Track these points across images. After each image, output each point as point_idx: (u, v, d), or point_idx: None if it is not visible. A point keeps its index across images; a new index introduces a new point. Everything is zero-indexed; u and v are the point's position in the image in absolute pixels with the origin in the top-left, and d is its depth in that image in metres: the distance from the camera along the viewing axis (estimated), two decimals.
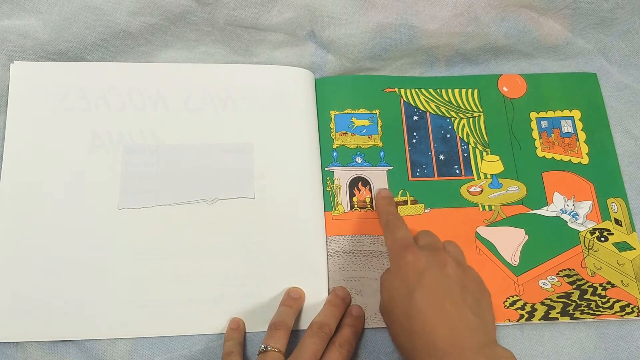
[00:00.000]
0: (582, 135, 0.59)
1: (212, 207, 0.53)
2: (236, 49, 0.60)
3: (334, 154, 0.57)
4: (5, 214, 0.51)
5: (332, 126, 0.58)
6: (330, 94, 0.60)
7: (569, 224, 0.56)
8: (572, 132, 0.60)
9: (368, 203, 0.56)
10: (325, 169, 0.57)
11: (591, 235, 0.55)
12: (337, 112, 0.59)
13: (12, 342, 0.49)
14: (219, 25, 0.58)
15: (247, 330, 0.50)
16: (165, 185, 0.54)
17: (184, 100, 0.57)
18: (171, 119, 0.56)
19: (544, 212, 0.56)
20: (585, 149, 0.59)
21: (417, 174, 0.57)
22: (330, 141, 0.58)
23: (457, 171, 0.58)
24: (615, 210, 0.56)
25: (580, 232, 0.55)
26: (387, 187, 0.56)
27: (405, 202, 0.56)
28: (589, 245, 0.55)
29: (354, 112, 0.59)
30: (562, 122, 0.60)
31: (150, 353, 0.49)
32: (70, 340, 0.49)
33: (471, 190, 0.57)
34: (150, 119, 0.56)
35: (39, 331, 0.49)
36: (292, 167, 0.55)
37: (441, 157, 0.58)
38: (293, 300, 0.50)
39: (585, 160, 0.58)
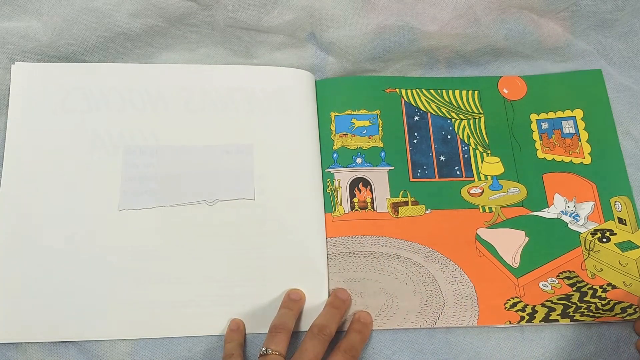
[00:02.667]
0: (584, 135, 0.59)
1: (212, 208, 0.53)
2: (236, 51, 0.60)
3: (334, 155, 0.57)
4: (5, 215, 0.51)
5: (332, 127, 0.58)
6: (331, 95, 0.60)
7: (569, 225, 0.56)
8: (574, 132, 0.59)
9: (369, 204, 0.56)
10: (326, 170, 0.57)
11: (592, 237, 0.55)
12: (337, 114, 0.59)
13: (12, 343, 0.49)
14: (220, 27, 0.58)
15: (247, 332, 0.50)
16: (165, 186, 0.54)
17: (185, 101, 0.57)
18: (171, 120, 0.56)
19: (544, 213, 0.56)
20: (587, 148, 0.59)
21: (418, 174, 0.57)
22: (330, 142, 0.58)
23: (458, 172, 0.58)
24: (619, 209, 0.56)
25: (580, 233, 0.55)
26: (388, 187, 0.56)
27: (406, 203, 0.56)
28: (589, 247, 0.55)
29: (355, 113, 0.59)
30: (563, 122, 0.60)
31: (150, 354, 0.49)
32: (70, 342, 0.49)
33: (472, 191, 0.57)
34: (150, 120, 0.56)
35: (39, 332, 0.49)
36: (293, 169, 0.55)
37: (442, 158, 0.58)
38: (293, 302, 0.50)
39: (587, 160, 0.58)
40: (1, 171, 0.53)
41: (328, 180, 0.56)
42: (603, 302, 0.52)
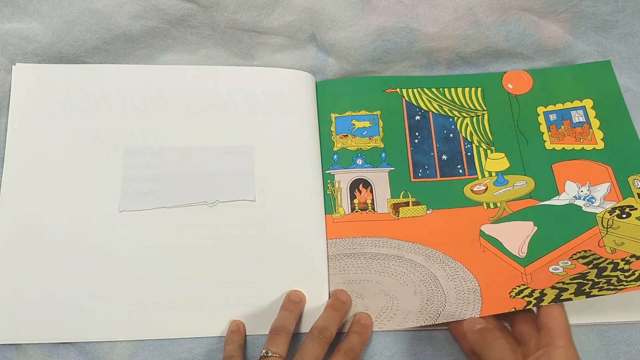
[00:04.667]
0: (595, 123, 0.58)
1: (213, 209, 0.53)
2: (237, 52, 0.60)
3: (335, 156, 0.57)
4: (6, 216, 0.51)
5: (332, 129, 0.58)
6: (331, 96, 0.60)
7: (583, 208, 0.54)
8: (584, 120, 0.58)
9: (369, 205, 0.56)
10: (326, 171, 0.57)
11: (610, 215, 0.53)
12: (337, 115, 0.59)
13: (12, 344, 0.49)
14: (220, 28, 0.58)
15: (247, 333, 0.50)
16: (166, 187, 0.54)
17: (185, 102, 0.57)
18: (172, 121, 0.56)
19: (554, 202, 0.55)
20: (599, 134, 0.57)
21: (420, 174, 0.57)
22: (330, 144, 0.58)
23: (461, 171, 0.57)
24: (639, 186, 0.54)
25: (597, 214, 0.53)
26: (388, 187, 0.56)
27: (407, 204, 0.56)
28: (607, 225, 0.52)
29: (355, 114, 0.59)
30: (573, 112, 0.59)
31: (150, 356, 0.49)
32: (70, 343, 0.49)
33: (475, 189, 0.56)
34: (151, 121, 0.56)
35: (39, 333, 0.49)
36: (293, 170, 0.55)
37: (444, 157, 0.58)
38: (294, 303, 0.50)
39: (600, 145, 0.57)
40: (2, 172, 0.53)
41: (328, 181, 0.56)
42: (627, 274, 0.49)
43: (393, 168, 0.57)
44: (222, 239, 0.52)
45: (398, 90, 0.60)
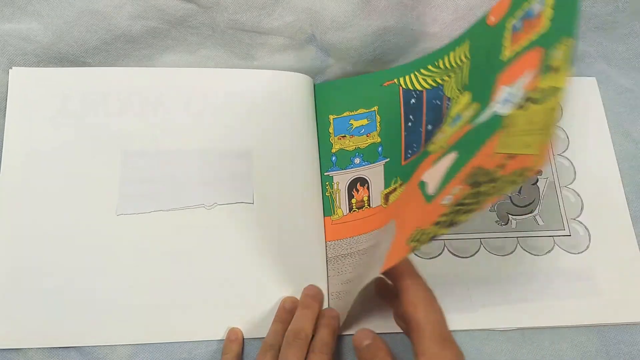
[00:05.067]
0: (549, 3, 0.40)
1: (211, 212, 0.53)
2: (237, 53, 0.60)
3: (333, 158, 0.57)
4: (4, 219, 0.51)
5: (330, 131, 0.58)
6: (329, 98, 0.59)
7: (497, 111, 0.39)
8: (541, 8, 0.41)
9: (366, 202, 0.55)
10: (325, 174, 0.56)
11: (518, 109, 0.37)
12: (335, 116, 0.59)
13: (13, 349, 0.49)
14: (220, 28, 0.58)
15: (245, 337, 0.50)
16: (164, 190, 0.53)
17: (184, 105, 0.57)
18: (170, 123, 0.56)
19: (481, 118, 0.42)
20: (549, 14, 0.39)
21: (409, 154, 0.55)
22: (329, 146, 0.58)
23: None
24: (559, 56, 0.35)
25: (505, 115, 0.38)
26: (383, 180, 0.55)
27: (395, 190, 0.55)
28: (506, 124, 0.37)
29: (352, 114, 0.59)
30: (534, 6, 0.41)
31: (150, 357, 0.49)
32: (71, 346, 0.49)
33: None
34: (149, 124, 0.56)
35: (40, 337, 0.49)
36: (292, 173, 0.55)
37: (429, 127, 0.56)
38: (287, 312, 0.50)
39: (546, 26, 0.39)
40: None
41: (327, 183, 0.56)
42: (494, 184, 0.34)
43: (388, 159, 0.56)
44: (220, 241, 0.52)
45: (395, 80, 0.59)
